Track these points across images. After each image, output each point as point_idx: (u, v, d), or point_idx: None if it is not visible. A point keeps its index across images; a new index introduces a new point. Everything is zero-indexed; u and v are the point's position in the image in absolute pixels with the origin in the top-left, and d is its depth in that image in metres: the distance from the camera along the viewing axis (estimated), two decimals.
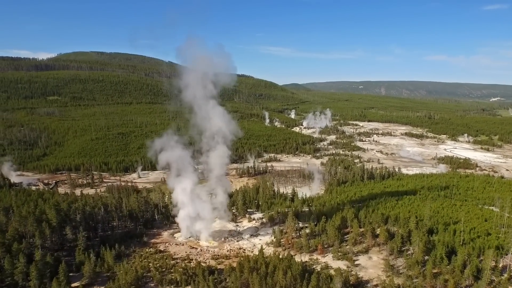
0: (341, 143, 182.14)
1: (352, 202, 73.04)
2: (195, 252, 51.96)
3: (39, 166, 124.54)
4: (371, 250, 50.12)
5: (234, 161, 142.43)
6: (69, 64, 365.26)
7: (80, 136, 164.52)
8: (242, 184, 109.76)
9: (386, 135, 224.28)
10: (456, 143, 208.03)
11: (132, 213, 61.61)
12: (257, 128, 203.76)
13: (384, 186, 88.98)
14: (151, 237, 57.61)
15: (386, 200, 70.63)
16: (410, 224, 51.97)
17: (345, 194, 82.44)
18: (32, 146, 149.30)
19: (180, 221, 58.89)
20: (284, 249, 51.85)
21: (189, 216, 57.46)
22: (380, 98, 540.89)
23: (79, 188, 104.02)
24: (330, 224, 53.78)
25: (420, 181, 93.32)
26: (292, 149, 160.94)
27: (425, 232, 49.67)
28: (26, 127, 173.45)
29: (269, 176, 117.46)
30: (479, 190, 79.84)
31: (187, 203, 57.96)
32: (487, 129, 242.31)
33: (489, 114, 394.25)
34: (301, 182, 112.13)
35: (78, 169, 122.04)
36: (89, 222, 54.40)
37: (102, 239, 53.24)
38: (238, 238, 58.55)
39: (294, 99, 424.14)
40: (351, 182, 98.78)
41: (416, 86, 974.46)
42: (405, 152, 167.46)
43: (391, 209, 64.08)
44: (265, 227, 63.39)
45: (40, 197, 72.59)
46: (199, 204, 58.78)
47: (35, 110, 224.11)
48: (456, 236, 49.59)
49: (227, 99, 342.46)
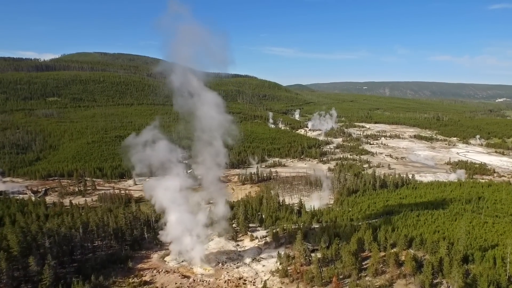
0: (348, 147, 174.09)
1: (367, 217, 65.20)
2: (186, 283, 44.28)
3: (30, 171, 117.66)
4: (396, 283, 42.28)
5: (236, 166, 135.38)
6: (70, 64, 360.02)
7: (76, 139, 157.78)
8: (244, 192, 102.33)
9: (394, 138, 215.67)
10: (468, 146, 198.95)
11: (118, 232, 54.13)
12: (260, 131, 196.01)
13: (400, 197, 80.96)
14: (138, 261, 50.16)
15: (405, 216, 62.70)
16: (440, 250, 44.09)
17: (357, 207, 74.56)
18: (25, 150, 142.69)
19: (169, 241, 51.12)
20: (291, 280, 44.11)
21: (179, 235, 49.54)
22: (385, 99, 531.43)
23: (69, 197, 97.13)
24: (345, 249, 46.01)
25: (439, 191, 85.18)
26: (298, 153, 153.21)
27: (459, 261, 41.79)
28: (21, 129, 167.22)
29: (274, 183, 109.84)
30: (508, 203, 71.53)
31: (175, 218, 49.72)
32: (499, 131, 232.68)
33: (497, 115, 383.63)
34: (307, 190, 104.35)
35: (71, 175, 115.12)
36: (63, 246, 46.72)
37: (79, 265, 45.78)
38: (238, 263, 50.84)
39: (298, 100, 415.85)
40: (363, 192, 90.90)
41: (420, 86, 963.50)
42: (415, 156, 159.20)
43: (413, 228, 56.16)
44: (269, 248, 55.69)
45: (20, 210, 65.43)
46: (189, 219, 50.65)
47: (33, 112, 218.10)
48: (497, 266, 41.63)
49: (230, 100, 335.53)
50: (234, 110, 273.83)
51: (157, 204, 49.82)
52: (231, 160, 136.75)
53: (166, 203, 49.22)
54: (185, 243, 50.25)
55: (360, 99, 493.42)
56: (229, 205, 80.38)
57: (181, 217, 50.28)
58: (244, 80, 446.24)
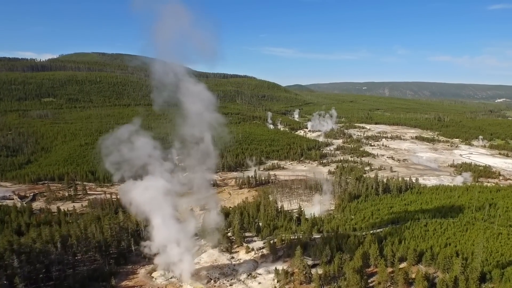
0: (348, 148, 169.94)
1: (371, 226, 61.02)
2: None
3: (19, 175, 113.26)
4: None
5: (233, 169, 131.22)
6: (66, 64, 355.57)
7: (69, 141, 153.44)
8: (241, 197, 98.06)
9: (396, 139, 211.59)
10: (471, 147, 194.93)
11: (102, 245, 49.77)
12: (259, 132, 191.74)
13: (405, 203, 76.79)
14: (123, 278, 45.92)
15: (412, 225, 58.56)
16: (455, 267, 39.95)
17: (360, 214, 70.39)
18: (16, 153, 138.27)
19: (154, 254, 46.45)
20: None
21: (164, 247, 44.89)
22: (385, 99, 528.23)
23: (58, 202, 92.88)
24: (349, 266, 41.83)
25: (445, 196, 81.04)
26: (297, 155, 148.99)
27: (476, 280, 37.67)
28: (14, 131, 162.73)
29: (272, 187, 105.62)
30: None
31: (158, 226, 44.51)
32: (502, 133, 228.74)
33: (498, 115, 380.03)
34: (307, 195, 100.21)
35: (62, 179, 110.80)
36: (36, 264, 42.14)
37: (55, 284, 41.49)
38: (232, 279, 46.56)
39: (297, 100, 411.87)
40: (365, 197, 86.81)
41: (420, 87, 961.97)
42: (418, 158, 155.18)
43: (422, 239, 52.03)
44: (266, 261, 51.47)
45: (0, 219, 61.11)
46: (176, 227, 45.77)
47: (27, 113, 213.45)
48: None
49: (229, 100, 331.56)
50: (232, 110, 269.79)
51: (136, 210, 43.85)
52: (228, 162, 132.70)
53: (146, 207, 43.43)
54: (172, 256, 45.72)
55: (360, 99, 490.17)
56: (224, 212, 76.46)
57: (166, 224, 45.15)
58: (243, 80, 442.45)
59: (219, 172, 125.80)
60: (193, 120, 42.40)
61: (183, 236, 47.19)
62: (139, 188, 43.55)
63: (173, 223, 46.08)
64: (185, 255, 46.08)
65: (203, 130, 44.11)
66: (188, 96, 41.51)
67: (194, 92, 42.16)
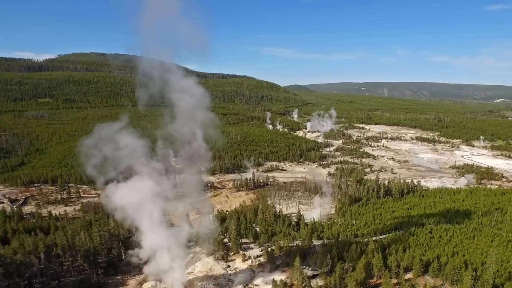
0: (348, 149, 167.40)
1: (373, 233, 58.47)
2: None
3: (11, 177, 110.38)
4: None
5: (231, 171, 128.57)
6: (64, 65, 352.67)
7: (64, 142, 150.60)
8: (239, 200, 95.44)
9: (396, 140, 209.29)
10: (472, 148, 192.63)
11: (90, 253, 47.12)
12: (257, 133, 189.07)
13: (408, 207, 74.32)
14: None
15: (416, 231, 56.06)
16: (465, 279, 37.45)
17: (362, 219, 67.85)
18: (9, 154, 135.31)
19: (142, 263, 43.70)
20: None
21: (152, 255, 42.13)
22: (384, 100, 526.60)
23: (50, 206, 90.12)
24: (351, 277, 39.31)
25: (449, 200, 78.57)
26: (296, 157, 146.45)
27: None
28: (8, 132, 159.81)
29: (270, 190, 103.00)
30: None
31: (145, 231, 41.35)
32: (503, 133, 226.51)
33: (498, 116, 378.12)
34: (307, 198, 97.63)
35: (56, 181, 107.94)
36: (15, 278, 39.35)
37: None
38: None
39: (296, 100, 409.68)
40: (366, 200, 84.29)
41: (419, 87, 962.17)
42: (419, 160, 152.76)
43: (427, 247, 49.53)
44: (263, 271, 48.91)
45: None
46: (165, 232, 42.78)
47: (23, 113, 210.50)
48: None
49: (228, 100, 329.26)
50: (231, 111, 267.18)
51: (120, 214, 40.40)
52: (226, 164, 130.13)
53: (131, 210, 39.89)
54: (162, 264, 42.90)
55: (359, 99, 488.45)
56: (221, 216, 73.89)
57: (155, 230, 41.99)
58: (242, 80, 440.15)
59: (216, 174, 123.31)
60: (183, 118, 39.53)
61: (174, 242, 44.21)
62: (122, 190, 40.43)
63: (162, 228, 43.14)
64: (176, 263, 43.30)
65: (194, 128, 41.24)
66: (177, 92, 38.63)
67: (184, 87, 39.34)
